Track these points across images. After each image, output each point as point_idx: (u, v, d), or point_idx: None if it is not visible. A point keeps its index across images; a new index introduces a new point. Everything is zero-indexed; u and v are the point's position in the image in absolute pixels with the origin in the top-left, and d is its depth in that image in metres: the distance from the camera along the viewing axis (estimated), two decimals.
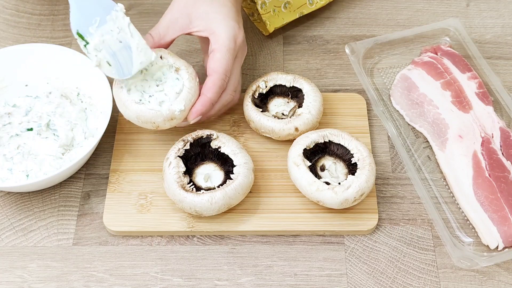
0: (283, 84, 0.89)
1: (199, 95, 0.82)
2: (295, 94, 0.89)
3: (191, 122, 0.83)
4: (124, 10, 0.80)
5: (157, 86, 0.82)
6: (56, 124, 0.88)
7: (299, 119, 0.85)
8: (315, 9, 1.02)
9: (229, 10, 0.84)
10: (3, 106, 0.89)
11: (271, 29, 0.99)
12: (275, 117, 0.87)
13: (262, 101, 0.90)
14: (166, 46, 0.86)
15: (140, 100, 0.81)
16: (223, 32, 0.82)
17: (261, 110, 0.88)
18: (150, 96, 0.82)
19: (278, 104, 0.89)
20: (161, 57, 0.83)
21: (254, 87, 0.89)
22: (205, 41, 0.86)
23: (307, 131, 0.85)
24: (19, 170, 0.83)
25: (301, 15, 1.01)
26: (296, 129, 0.85)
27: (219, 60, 0.82)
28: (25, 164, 0.84)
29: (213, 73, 0.82)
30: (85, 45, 0.79)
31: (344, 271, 0.79)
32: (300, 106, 0.87)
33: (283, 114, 0.88)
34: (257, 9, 0.99)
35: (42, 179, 0.79)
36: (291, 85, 0.88)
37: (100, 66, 0.80)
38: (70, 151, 0.86)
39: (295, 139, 0.86)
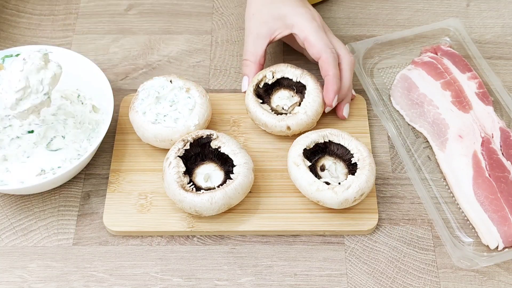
0: (290, 77, 0.89)
1: (208, 114, 0.85)
2: (300, 89, 0.89)
3: (334, 105, 0.86)
4: None
5: (171, 106, 0.85)
6: (57, 125, 0.88)
7: (293, 118, 0.85)
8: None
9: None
10: (4, 108, 0.89)
11: None
12: (273, 109, 0.87)
13: (266, 91, 0.90)
14: (263, 61, 0.90)
15: (156, 120, 0.84)
16: (301, 20, 0.86)
17: (261, 101, 0.88)
18: (164, 115, 0.84)
19: (282, 97, 0.89)
20: (171, 81, 0.86)
21: (260, 76, 0.89)
22: (291, 39, 0.90)
23: (300, 131, 0.85)
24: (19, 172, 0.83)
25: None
26: (288, 127, 0.85)
27: (317, 41, 0.85)
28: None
29: (321, 53, 0.85)
30: None
31: (344, 271, 0.79)
32: (300, 104, 0.87)
33: (283, 108, 0.88)
34: None
35: (42, 181, 0.79)
36: (298, 80, 0.88)
37: None
38: None
39: (288, 136, 0.86)
